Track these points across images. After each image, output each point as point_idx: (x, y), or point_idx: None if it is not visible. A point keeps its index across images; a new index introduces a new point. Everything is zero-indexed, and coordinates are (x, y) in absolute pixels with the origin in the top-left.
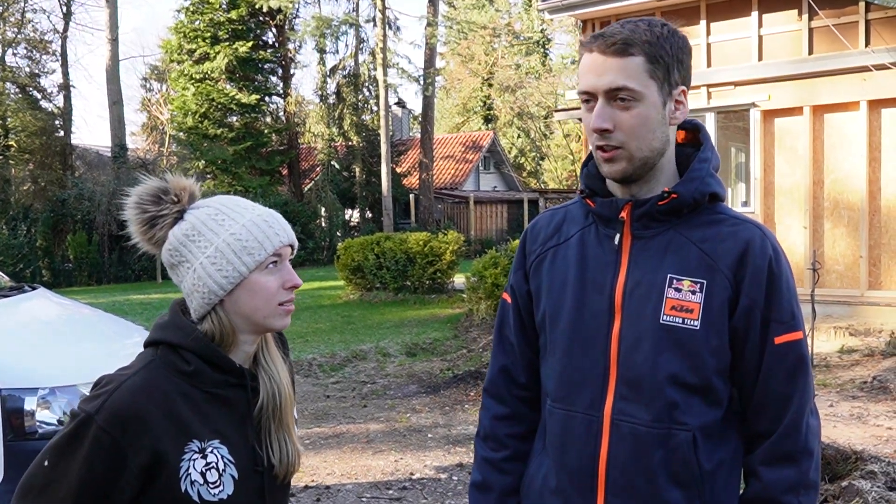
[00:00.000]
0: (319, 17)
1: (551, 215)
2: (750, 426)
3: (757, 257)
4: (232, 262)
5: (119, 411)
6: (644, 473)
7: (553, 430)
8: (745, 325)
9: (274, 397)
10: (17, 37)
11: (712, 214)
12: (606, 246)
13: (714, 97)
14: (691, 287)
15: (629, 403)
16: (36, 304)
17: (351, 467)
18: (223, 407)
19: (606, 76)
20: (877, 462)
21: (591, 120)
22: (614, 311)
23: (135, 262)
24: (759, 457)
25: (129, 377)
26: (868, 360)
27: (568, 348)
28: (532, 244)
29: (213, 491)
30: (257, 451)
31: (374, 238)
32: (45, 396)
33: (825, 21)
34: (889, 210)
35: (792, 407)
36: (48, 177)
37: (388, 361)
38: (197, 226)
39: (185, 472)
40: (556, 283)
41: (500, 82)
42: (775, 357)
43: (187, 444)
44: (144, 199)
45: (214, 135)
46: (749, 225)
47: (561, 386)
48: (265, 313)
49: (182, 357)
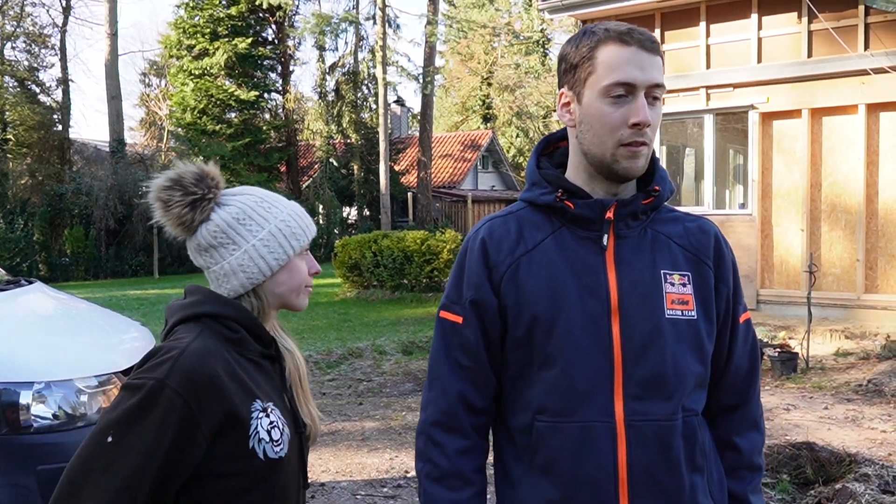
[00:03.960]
0: (319, 15)
1: (503, 223)
2: (720, 401)
3: (723, 247)
4: (283, 246)
5: (192, 374)
6: (668, 466)
7: (559, 445)
8: (725, 309)
9: (296, 367)
10: (16, 30)
11: (668, 213)
12: (589, 248)
13: (713, 99)
14: (681, 280)
15: (642, 402)
16: (32, 298)
17: (346, 465)
18: (265, 375)
19: (650, 71)
20: (871, 465)
21: (622, 113)
22: (612, 313)
23: (132, 258)
24: (732, 429)
25: (190, 343)
26: (863, 363)
27: (570, 358)
28: (496, 255)
29: (275, 448)
30: (298, 415)
31: (372, 236)
32: (41, 390)
33: (824, 24)
34: (886, 213)
35: (755, 378)
36: (46, 171)
37: (384, 359)
38: (247, 211)
39: (254, 430)
40: (541, 291)
41: (500, 81)
42: (741, 334)
43: (252, 403)
44: (188, 182)
45: (213, 131)
46: (703, 220)
47: (561, 398)
48: (297, 293)
49: (228, 326)
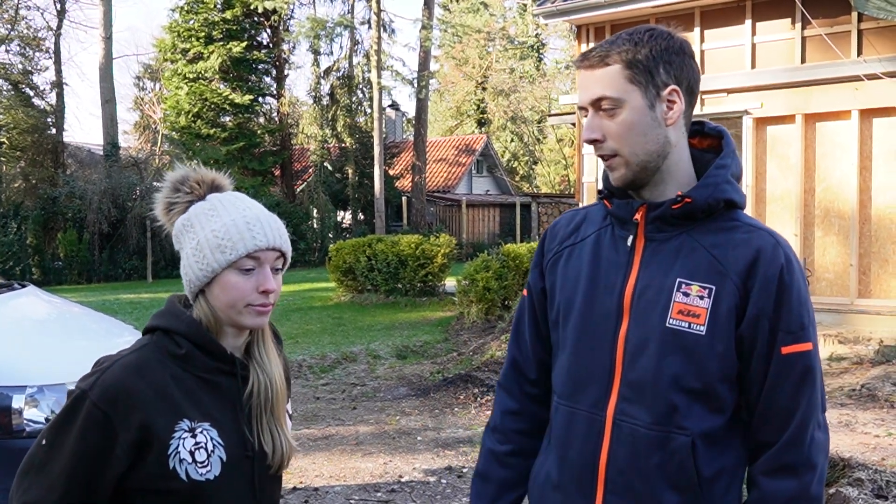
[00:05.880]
0: (314, 19)
1: (572, 215)
2: (755, 436)
3: (768, 266)
4: (207, 258)
5: (110, 387)
6: (642, 475)
7: (558, 426)
8: (752, 334)
9: (266, 389)
10: (10, 33)
11: (727, 221)
12: (620, 247)
13: (707, 104)
14: (699, 292)
15: (631, 404)
16: (25, 301)
17: (340, 469)
18: (215, 392)
19: (590, 89)
20: (864, 469)
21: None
22: (623, 313)
23: (125, 262)
24: (760, 466)
25: (124, 357)
26: (857, 368)
27: (576, 347)
28: (551, 242)
29: (200, 470)
30: (247, 438)
31: (366, 240)
32: (34, 394)
33: (818, 30)
34: (879, 219)
35: (796, 418)
36: (39, 174)
37: (378, 364)
38: (191, 217)
39: (175, 450)
40: (569, 282)
41: (494, 86)
42: (782, 367)
43: (178, 422)
44: (168, 185)
45: (207, 134)
46: (763, 232)
47: (567, 383)
48: (236, 310)
49: (175, 341)
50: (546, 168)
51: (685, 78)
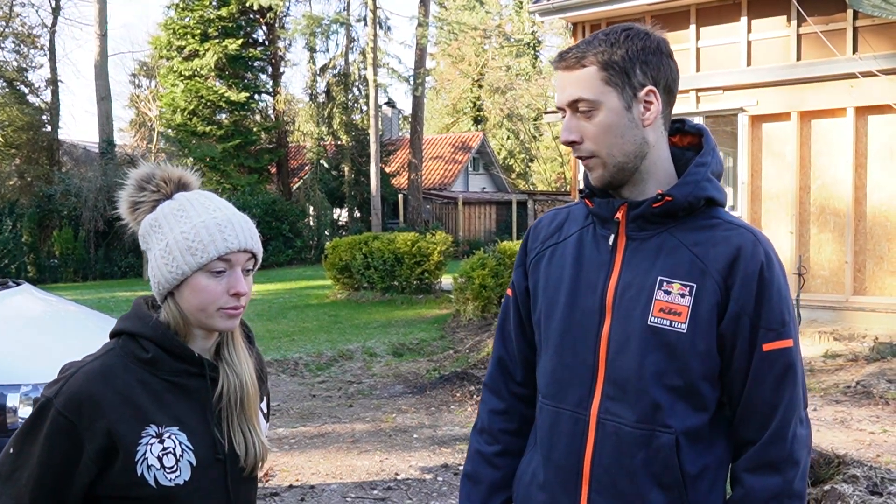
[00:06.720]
0: (310, 16)
1: (554, 214)
2: (737, 432)
3: (748, 263)
4: (176, 260)
5: (75, 394)
6: (626, 473)
7: (542, 425)
8: (733, 331)
9: (236, 389)
10: (4, 31)
11: (708, 219)
12: (601, 246)
13: (703, 101)
14: (681, 290)
15: (614, 403)
16: (20, 299)
17: (336, 467)
18: (183, 395)
19: (567, 90)
20: (859, 466)
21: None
22: (605, 312)
23: (121, 259)
24: (743, 463)
25: (88, 363)
26: (852, 365)
27: (559, 346)
28: (533, 242)
29: (169, 476)
30: (218, 440)
31: (363, 238)
32: (28, 393)
33: (813, 28)
34: (874, 216)
35: (778, 415)
36: (35, 172)
37: (374, 361)
38: (160, 218)
39: (142, 457)
40: (551, 281)
41: (491, 84)
42: (763, 364)
43: (144, 428)
44: (133, 183)
45: (203, 132)
46: (743, 230)
47: (551, 383)
48: (206, 314)
49: (140, 345)
50: (542, 165)
51: (662, 78)
